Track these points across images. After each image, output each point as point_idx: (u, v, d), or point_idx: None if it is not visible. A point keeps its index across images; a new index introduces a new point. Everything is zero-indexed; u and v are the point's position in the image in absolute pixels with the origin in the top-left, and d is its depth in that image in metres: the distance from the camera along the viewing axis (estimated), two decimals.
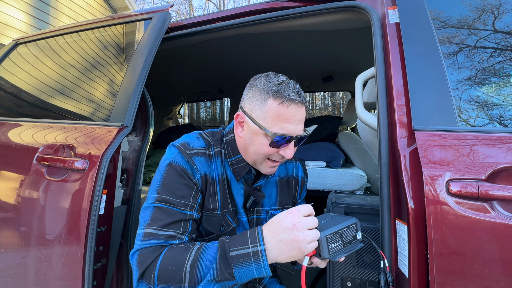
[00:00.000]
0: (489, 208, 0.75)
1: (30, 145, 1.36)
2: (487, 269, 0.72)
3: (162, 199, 0.80)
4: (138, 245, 0.77)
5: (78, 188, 1.13)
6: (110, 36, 1.62)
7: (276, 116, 0.80)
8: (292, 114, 0.80)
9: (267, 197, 1.01)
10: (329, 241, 0.72)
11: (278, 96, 0.79)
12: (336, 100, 13.27)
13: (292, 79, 0.87)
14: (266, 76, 0.84)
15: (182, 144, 0.88)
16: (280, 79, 0.82)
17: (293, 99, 0.79)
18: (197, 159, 0.86)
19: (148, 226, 0.79)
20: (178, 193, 0.82)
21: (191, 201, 0.83)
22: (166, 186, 0.82)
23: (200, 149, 0.89)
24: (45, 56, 1.75)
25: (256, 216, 0.98)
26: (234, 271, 0.68)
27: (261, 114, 0.81)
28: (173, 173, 0.83)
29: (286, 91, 0.79)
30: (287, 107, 0.79)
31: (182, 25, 1.55)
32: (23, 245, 1.19)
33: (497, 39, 0.96)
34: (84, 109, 1.46)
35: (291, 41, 2.13)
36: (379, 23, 1.10)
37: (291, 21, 1.35)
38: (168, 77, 3.07)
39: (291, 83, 0.82)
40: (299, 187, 1.10)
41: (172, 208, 0.80)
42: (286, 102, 0.79)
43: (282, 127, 0.80)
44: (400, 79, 0.98)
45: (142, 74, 1.31)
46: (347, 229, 0.77)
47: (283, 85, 0.80)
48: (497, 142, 0.81)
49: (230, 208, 0.93)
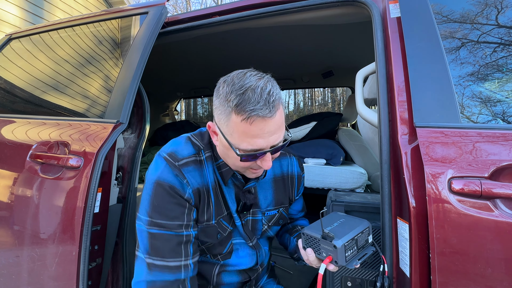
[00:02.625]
0: (492, 206, 0.74)
1: (24, 142, 1.34)
2: (490, 268, 0.71)
3: (155, 224, 0.77)
4: (144, 276, 0.77)
5: (72, 186, 1.11)
6: (106, 31, 1.59)
7: (242, 132, 0.69)
8: (260, 129, 0.69)
9: (263, 198, 0.97)
10: (346, 248, 0.72)
11: (240, 111, 0.67)
12: (336, 96, 13.29)
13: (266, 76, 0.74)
14: (230, 82, 0.71)
15: (169, 154, 0.81)
16: (245, 85, 0.68)
17: (257, 114, 0.66)
18: (187, 170, 0.80)
19: (150, 256, 0.77)
20: (170, 214, 0.77)
21: (186, 220, 0.79)
22: (156, 208, 0.77)
23: (190, 157, 0.83)
24: (39, 51, 1.72)
25: (251, 218, 0.96)
26: None
27: (227, 129, 0.72)
28: (162, 192, 0.77)
29: (249, 103, 0.66)
30: (250, 124, 0.68)
31: (179, 20, 1.53)
32: (17, 244, 1.18)
33: (500, 34, 0.94)
34: (78, 106, 1.44)
35: (290, 36, 2.10)
36: (380, 17, 1.09)
37: (290, 15, 1.33)
38: (165, 72, 3.04)
39: (257, 89, 0.68)
40: (296, 184, 1.06)
41: (167, 232, 0.77)
42: (249, 119, 0.67)
43: (250, 143, 0.70)
44: (401, 74, 0.97)
45: (138, 69, 1.29)
46: (361, 234, 0.77)
47: (247, 95, 0.67)
48: (500, 139, 0.80)
49: (225, 213, 0.90)
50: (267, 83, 0.70)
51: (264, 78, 0.72)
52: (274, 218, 1.00)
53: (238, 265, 0.97)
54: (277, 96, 0.70)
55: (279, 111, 0.71)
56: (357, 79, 1.16)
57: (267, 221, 0.99)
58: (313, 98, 14.58)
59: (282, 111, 0.74)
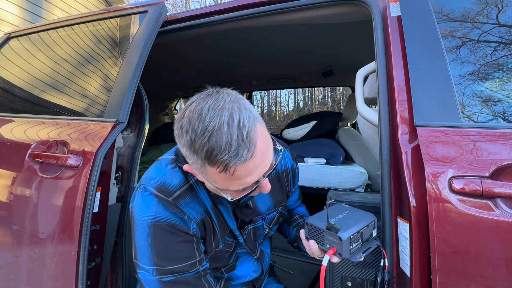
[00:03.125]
0: (493, 206, 0.73)
1: (23, 141, 1.33)
2: (491, 268, 0.71)
3: (167, 272, 0.68)
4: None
5: (71, 185, 1.10)
6: (105, 29, 1.58)
7: (225, 179, 0.59)
8: (245, 172, 0.58)
9: (262, 205, 0.92)
10: (351, 241, 0.71)
11: (213, 163, 0.55)
12: (336, 95, 13.28)
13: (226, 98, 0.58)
14: (189, 126, 0.57)
15: (159, 189, 0.69)
16: (207, 127, 0.54)
17: (235, 163, 0.55)
18: (184, 203, 0.70)
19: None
20: (181, 256, 0.69)
21: (198, 256, 0.72)
22: (162, 253, 0.67)
23: (182, 186, 0.72)
24: (38, 51, 1.71)
25: (252, 226, 0.91)
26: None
27: (208, 177, 0.62)
28: (163, 234, 0.67)
29: (221, 153, 0.54)
30: (231, 174, 0.57)
31: (178, 19, 1.52)
32: (15, 244, 1.17)
33: (501, 32, 0.94)
34: (77, 105, 1.43)
35: (290, 35, 2.10)
36: (380, 16, 1.08)
37: (290, 14, 1.32)
38: (164, 72, 3.03)
39: (224, 129, 0.53)
40: (291, 178, 1.00)
41: (183, 276, 0.69)
42: (229, 170, 0.56)
43: (240, 184, 0.60)
44: (401, 73, 0.96)
45: (137, 68, 1.28)
46: (367, 227, 0.76)
47: (214, 140, 0.54)
48: (501, 138, 0.79)
49: (228, 230, 0.84)
50: (233, 112, 0.55)
51: (226, 105, 0.56)
52: (274, 219, 0.98)
53: (243, 277, 0.93)
54: (250, 124, 0.56)
55: (258, 139, 0.57)
56: (357, 78, 1.15)
57: (267, 225, 0.96)
58: (313, 97, 14.58)
59: (261, 131, 0.60)
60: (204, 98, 0.59)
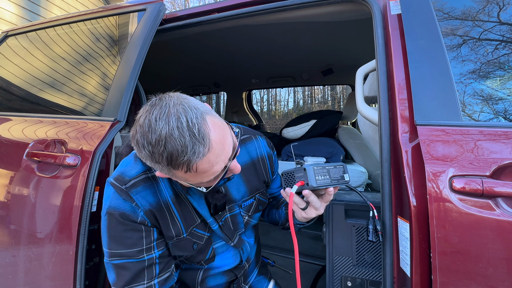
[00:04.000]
0: (493, 205, 0.73)
1: (20, 140, 1.32)
2: (492, 268, 0.71)
3: (115, 254, 0.75)
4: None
5: (69, 184, 1.10)
6: (103, 28, 1.58)
7: (193, 176, 0.62)
8: (208, 163, 0.61)
9: (236, 191, 0.93)
10: (316, 172, 0.74)
11: (177, 167, 0.59)
12: (336, 94, 13.28)
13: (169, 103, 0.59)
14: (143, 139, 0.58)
15: (116, 178, 0.76)
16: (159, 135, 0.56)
17: (195, 161, 0.58)
18: (135, 191, 0.75)
19: (119, 286, 0.76)
20: (127, 242, 0.75)
21: (145, 244, 0.77)
22: (113, 238, 0.75)
23: (138, 176, 0.77)
24: (35, 49, 1.70)
25: (229, 215, 0.92)
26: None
27: (180, 179, 0.67)
28: (114, 222, 0.74)
29: (179, 156, 0.57)
30: (196, 171, 0.60)
31: (177, 17, 1.52)
32: (13, 244, 1.16)
33: (502, 31, 0.93)
34: (75, 103, 1.42)
35: (290, 33, 2.09)
36: (380, 14, 1.08)
37: (289, 12, 1.32)
38: (163, 70, 3.02)
39: (175, 133, 0.56)
40: (268, 164, 1.01)
41: (128, 261, 0.75)
42: (191, 168, 0.59)
43: (209, 175, 0.63)
44: (402, 72, 0.96)
45: (135, 67, 1.28)
46: (334, 168, 0.79)
47: (170, 146, 0.56)
48: (502, 137, 0.79)
49: (198, 221, 0.85)
50: (178, 115, 0.57)
51: (171, 110, 0.58)
52: (252, 207, 0.97)
53: (222, 267, 0.94)
54: (198, 121, 0.58)
55: (211, 131, 0.59)
56: (357, 77, 1.15)
57: (246, 212, 0.96)
58: (312, 96, 14.57)
59: (213, 122, 0.62)
60: (150, 110, 0.60)
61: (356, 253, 1.04)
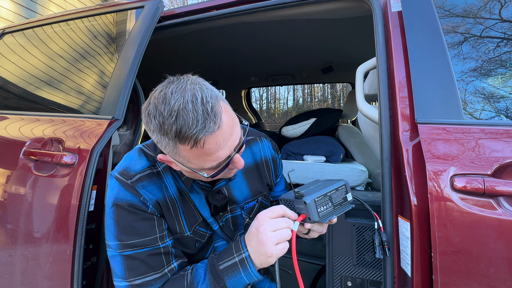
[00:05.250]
0: (495, 204, 0.72)
1: (17, 138, 1.31)
2: (493, 268, 0.70)
3: (127, 246, 0.73)
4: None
5: (67, 183, 1.09)
6: (100, 25, 1.56)
7: (198, 156, 0.63)
8: (215, 144, 0.62)
9: (239, 193, 0.92)
10: (317, 204, 0.72)
11: (183, 140, 0.59)
12: (336, 92, 13.27)
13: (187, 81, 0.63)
14: (155, 111, 0.60)
15: (121, 173, 0.76)
16: (173, 108, 0.58)
17: (204, 135, 0.58)
18: (141, 186, 0.75)
19: (130, 278, 0.72)
20: (140, 231, 0.73)
21: (158, 232, 0.75)
22: (123, 229, 0.73)
23: (143, 171, 0.77)
24: (32, 46, 1.69)
25: (231, 215, 0.91)
26: (227, 282, 0.69)
27: (182, 159, 0.65)
28: (123, 213, 0.73)
29: (189, 128, 0.57)
30: (202, 147, 0.60)
31: (175, 14, 1.50)
32: (10, 243, 1.16)
33: (503, 28, 0.93)
34: (73, 101, 1.41)
35: (289, 31, 2.08)
36: (381, 11, 1.07)
37: (289, 9, 1.31)
38: (161, 68, 3.00)
39: (189, 106, 0.58)
40: (272, 168, 1.00)
41: (141, 251, 0.73)
42: (198, 143, 0.59)
43: (213, 159, 0.64)
44: (402, 70, 0.95)
45: (133, 65, 1.27)
46: (336, 191, 0.77)
47: (181, 118, 0.58)
48: (503, 136, 0.78)
49: (200, 219, 0.85)
50: (195, 92, 0.60)
51: (187, 87, 0.61)
52: (254, 209, 0.97)
53: None
54: (213, 100, 0.60)
55: (224, 112, 0.62)
56: (358, 75, 1.15)
57: (247, 214, 0.95)
58: (312, 94, 14.55)
59: (227, 107, 0.65)
60: (166, 85, 0.62)
61: (356, 252, 1.03)
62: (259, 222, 0.68)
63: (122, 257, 0.73)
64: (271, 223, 0.68)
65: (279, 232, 0.67)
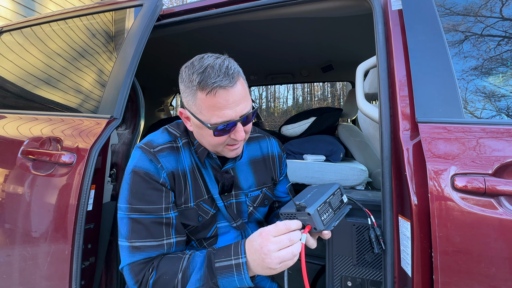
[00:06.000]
0: (496, 204, 0.72)
1: (15, 138, 1.31)
2: (494, 268, 0.70)
3: (135, 210, 0.80)
4: (127, 259, 0.78)
5: (65, 183, 1.08)
6: (99, 23, 1.56)
7: (209, 107, 0.75)
8: (224, 99, 0.74)
9: (244, 179, 0.99)
10: (320, 213, 0.73)
11: (203, 86, 0.73)
12: (336, 91, 13.25)
13: (224, 56, 0.80)
14: (191, 65, 0.78)
15: (145, 144, 0.86)
16: (204, 64, 0.75)
17: (218, 85, 0.73)
18: (161, 155, 0.85)
19: (129, 239, 0.79)
20: (148, 199, 0.81)
21: (164, 203, 0.83)
22: (135, 194, 0.81)
23: (165, 144, 0.88)
24: (30, 45, 1.68)
25: (235, 200, 0.97)
26: (219, 281, 0.72)
27: (196, 108, 0.77)
28: (138, 179, 0.81)
29: (210, 78, 0.73)
30: (214, 96, 0.73)
31: (174, 12, 1.50)
32: (8, 243, 1.15)
33: (504, 26, 0.92)
34: (71, 100, 1.41)
35: (289, 29, 2.07)
36: (381, 10, 1.07)
37: (289, 7, 1.30)
38: (160, 66, 2.99)
39: (216, 65, 0.74)
40: (278, 164, 1.08)
41: (147, 216, 0.80)
42: (212, 91, 0.73)
43: (219, 116, 0.75)
44: (403, 69, 0.95)
45: (132, 63, 1.26)
46: (333, 196, 0.79)
47: (207, 71, 0.73)
48: (504, 135, 0.78)
49: (205, 196, 0.92)
50: (225, 60, 0.77)
51: (221, 57, 0.78)
52: (258, 199, 1.01)
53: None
54: (235, 70, 0.77)
55: (239, 81, 0.77)
56: (358, 73, 1.14)
57: (251, 202, 1.00)
58: (312, 93, 14.53)
59: (244, 83, 0.80)
60: (208, 54, 0.80)
61: (357, 252, 1.03)
62: (263, 241, 0.69)
63: (129, 219, 0.80)
64: (275, 243, 0.68)
65: (283, 252, 0.68)
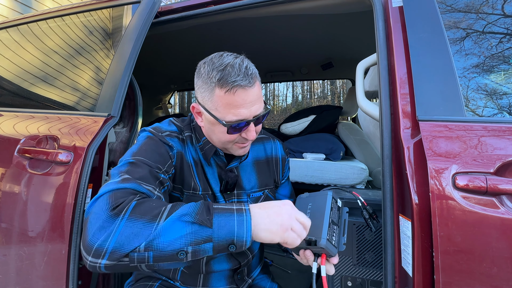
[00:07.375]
0: (498, 203, 0.71)
1: (11, 136, 1.30)
2: (496, 267, 0.69)
3: (137, 159, 0.78)
4: (112, 187, 0.68)
5: (62, 181, 1.07)
6: (96, 20, 1.54)
7: (226, 104, 0.77)
8: (242, 99, 0.76)
9: (247, 180, 0.99)
10: (329, 238, 0.71)
11: (222, 84, 0.75)
12: (336, 88, 13.24)
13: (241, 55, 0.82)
14: (210, 62, 0.80)
15: (153, 128, 0.89)
16: (224, 62, 0.77)
17: (238, 84, 0.74)
18: (170, 139, 0.88)
19: (120, 175, 0.72)
20: (154, 158, 0.81)
21: (166, 168, 0.83)
22: (143, 151, 0.81)
23: (172, 132, 0.90)
24: (27, 42, 1.66)
25: (237, 200, 0.97)
26: (214, 217, 0.62)
27: (212, 104, 0.79)
28: (152, 142, 0.84)
29: (230, 76, 0.74)
30: (233, 94, 0.75)
31: (173, 9, 1.49)
32: (4, 243, 1.14)
33: (506, 24, 0.92)
34: (68, 98, 1.39)
35: (289, 26, 2.06)
36: (381, 6, 1.06)
37: (288, 4, 1.29)
38: (158, 64, 2.98)
39: (236, 65, 0.76)
40: (281, 166, 1.09)
41: (146, 164, 0.77)
42: (232, 89, 0.75)
43: (235, 114, 0.77)
44: (403, 66, 0.94)
45: (130, 61, 1.25)
46: (331, 210, 0.76)
47: (227, 70, 0.75)
48: (506, 133, 0.77)
49: (210, 192, 0.93)
50: (243, 60, 0.79)
51: (240, 56, 0.80)
52: (259, 200, 1.01)
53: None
54: (254, 71, 0.79)
55: (257, 83, 0.79)
56: (358, 71, 1.14)
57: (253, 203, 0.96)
58: (312, 91, 14.52)
59: (260, 85, 0.82)
60: (226, 52, 0.82)
61: (357, 252, 1.02)
62: (286, 205, 0.68)
63: (128, 163, 0.76)
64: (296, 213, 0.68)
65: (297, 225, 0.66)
